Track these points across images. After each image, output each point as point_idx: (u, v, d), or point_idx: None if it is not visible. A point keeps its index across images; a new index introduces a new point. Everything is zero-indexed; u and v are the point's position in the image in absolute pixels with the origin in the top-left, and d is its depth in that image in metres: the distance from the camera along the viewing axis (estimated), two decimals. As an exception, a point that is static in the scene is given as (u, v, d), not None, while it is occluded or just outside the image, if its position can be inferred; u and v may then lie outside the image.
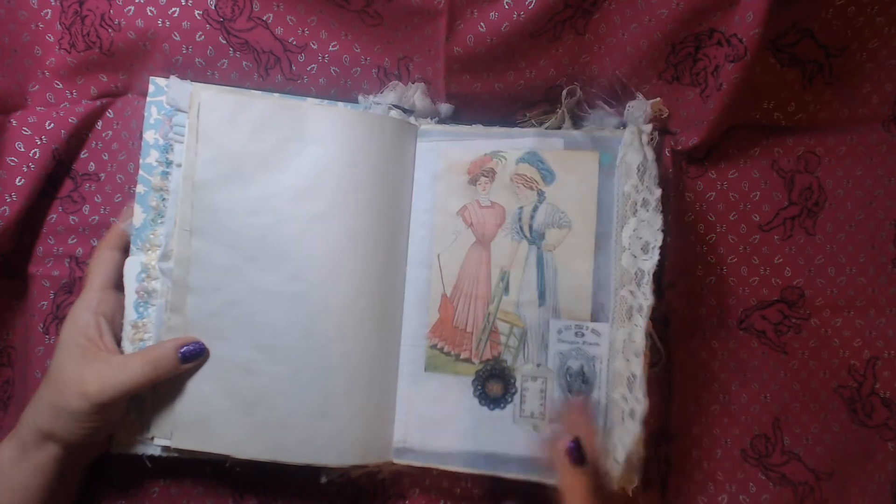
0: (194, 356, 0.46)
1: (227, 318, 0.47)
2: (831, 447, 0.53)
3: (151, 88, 0.49)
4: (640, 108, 0.51)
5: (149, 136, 0.48)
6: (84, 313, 0.45)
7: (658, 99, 0.51)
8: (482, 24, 0.48)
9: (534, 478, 0.47)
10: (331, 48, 0.51)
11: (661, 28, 0.49)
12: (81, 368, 0.43)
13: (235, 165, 0.47)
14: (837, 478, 0.53)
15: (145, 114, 0.49)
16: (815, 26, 0.51)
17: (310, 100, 0.51)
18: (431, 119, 0.52)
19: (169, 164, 0.48)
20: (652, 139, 0.49)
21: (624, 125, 0.51)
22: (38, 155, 0.50)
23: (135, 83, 0.52)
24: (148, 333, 0.48)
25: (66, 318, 0.46)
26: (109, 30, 0.50)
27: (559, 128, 0.52)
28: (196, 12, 0.50)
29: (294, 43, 0.51)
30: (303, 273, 0.47)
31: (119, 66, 0.52)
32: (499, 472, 0.48)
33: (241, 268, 0.47)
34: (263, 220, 0.47)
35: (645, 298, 0.45)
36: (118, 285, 0.48)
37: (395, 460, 0.49)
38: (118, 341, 0.47)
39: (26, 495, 0.44)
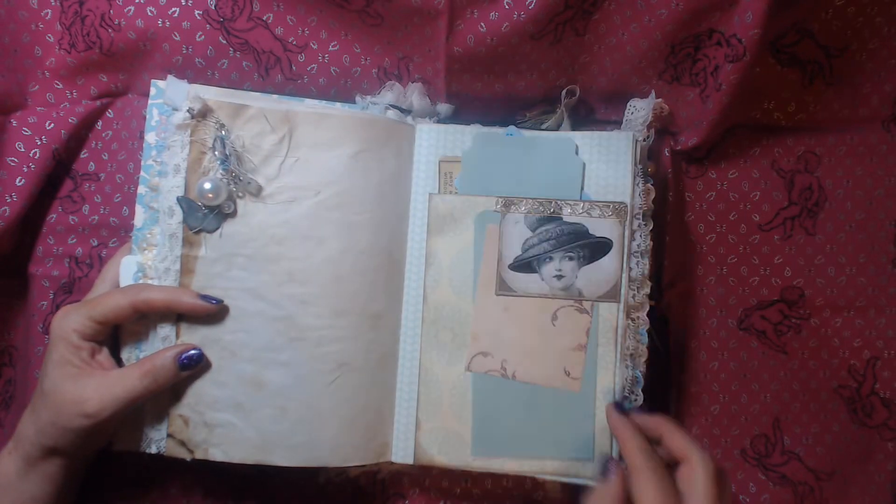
0: (193, 363, 0.46)
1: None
2: (831, 447, 0.53)
3: (153, 91, 0.48)
4: (641, 108, 0.51)
5: (150, 137, 0.48)
6: (74, 335, 0.44)
7: (660, 100, 0.51)
8: (482, 24, 0.48)
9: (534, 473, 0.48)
10: (331, 48, 0.51)
11: (660, 28, 0.49)
12: (79, 387, 0.43)
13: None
14: (837, 478, 0.53)
15: (146, 116, 0.48)
16: (815, 27, 0.51)
17: (307, 101, 0.51)
18: (430, 119, 0.52)
19: (165, 164, 0.48)
20: (647, 138, 0.49)
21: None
22: (38, 155, 0.50)
23: (135, 83, 0.52)
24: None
25: (54, 333, 0.44)
26: (109, 30, 0.50)
27: (558, 128, 0.52)
28: (196, 12, 0.50)
29: (294, 43, 0.51)
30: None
31: (119, 66, 0.52)
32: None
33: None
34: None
35: None
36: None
37: (394, 460, 0.49)
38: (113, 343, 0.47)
39: None
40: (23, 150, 0.50)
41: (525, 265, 0.49)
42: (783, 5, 0.47)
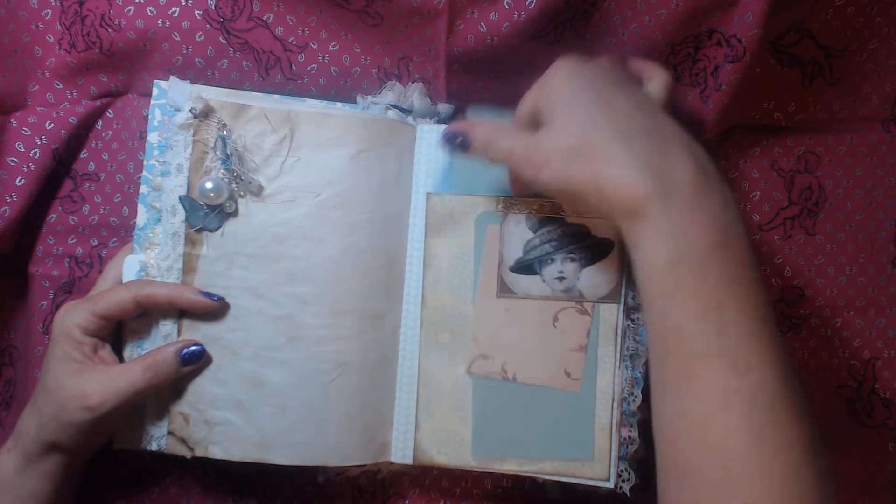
0: (195, 359, 0.46)
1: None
2: (831, 447, 0.53)
3: (155, 91, 0.49)
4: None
5: (152, 137, 0.48)
6: (77, 331, 0.44)
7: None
8: (482, 24, 0.48)
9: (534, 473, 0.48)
10: (331, 48, 0.51)
11: (660, 28, 0.50)
12: (81, 382, 0.43)
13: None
14: (837, 478, 0.53)
15: (149, 116, 0.49)
16: (815, 27, 0.51)
17: (308, 101, 0.51)
18: (430, 119, 0.52)
19: (167, 164, 0.48)
20: None
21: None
22: (38, 155, 0.50)
23: (135, 83, 0.52)
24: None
25: (57, 329, 0.44)
26: (109, 30, 0.50)
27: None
28: (196, 12, 0.50)
29: (294, 43, 0.51)
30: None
31: (119, 66, 0.52)
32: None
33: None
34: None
35: None
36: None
37: (394, 460, 0.49)
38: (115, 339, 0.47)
39: (36, 502, 0.44)
40: (23, 150, 0.50)
41: (526, 267, 0.49)
42: (783, 5, 0.47)
